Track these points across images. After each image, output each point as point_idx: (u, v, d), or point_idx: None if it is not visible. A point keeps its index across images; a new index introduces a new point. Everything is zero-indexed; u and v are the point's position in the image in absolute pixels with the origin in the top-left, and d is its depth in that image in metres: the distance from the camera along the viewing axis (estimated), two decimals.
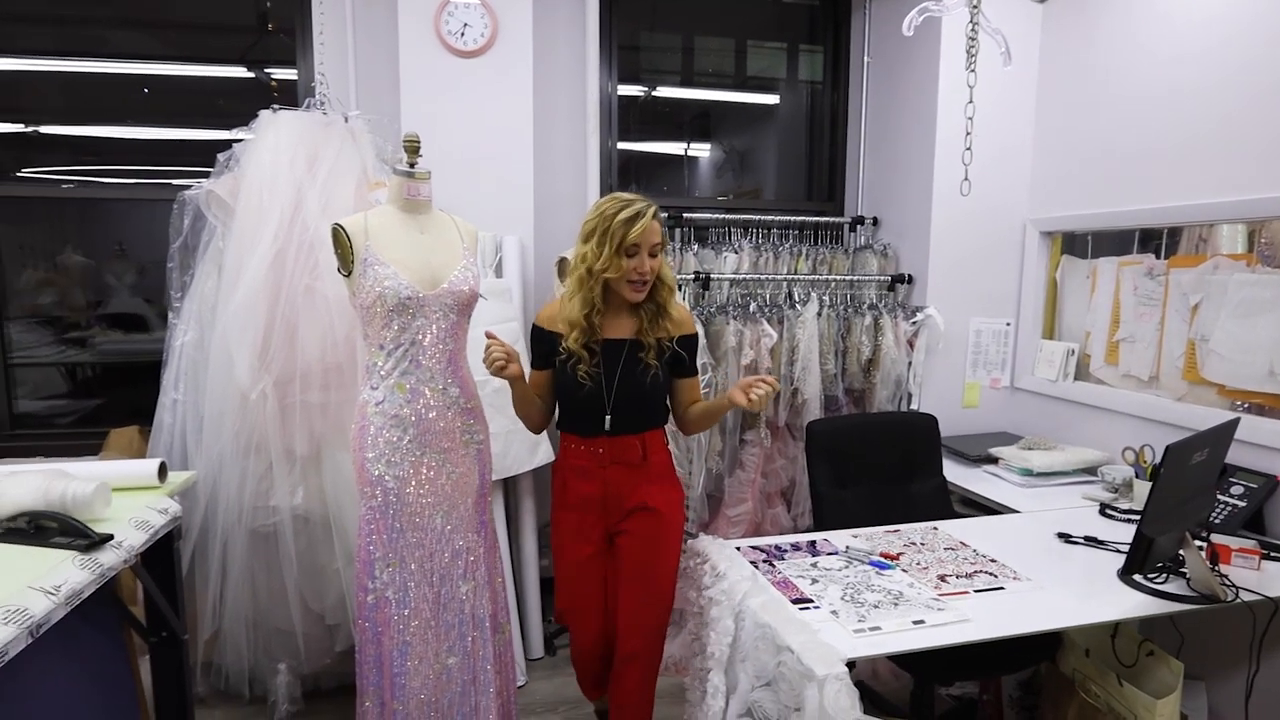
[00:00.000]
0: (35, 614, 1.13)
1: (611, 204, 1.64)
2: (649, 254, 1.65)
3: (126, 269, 3.16)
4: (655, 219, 1.64)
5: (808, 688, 1.26)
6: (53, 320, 3.06)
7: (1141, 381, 2.47)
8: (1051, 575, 1.68)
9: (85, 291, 3.07)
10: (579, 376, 1.67)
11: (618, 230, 1.60)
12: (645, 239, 1.62)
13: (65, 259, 3.03)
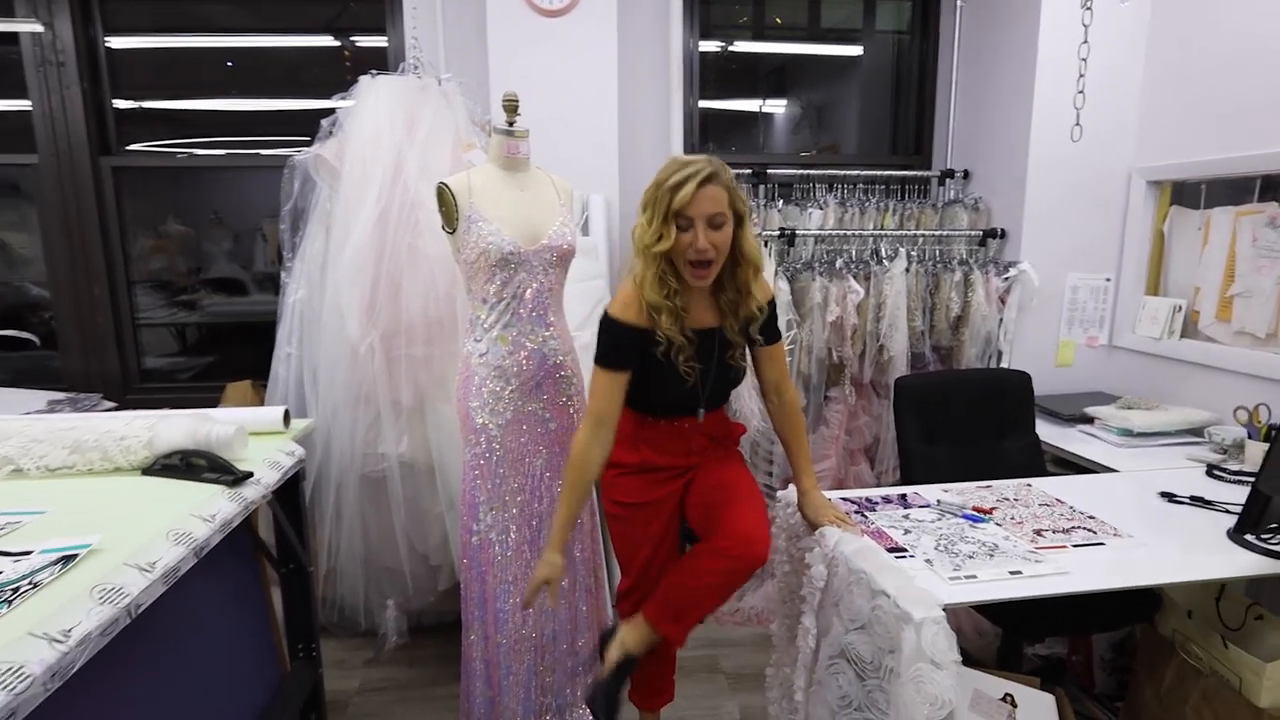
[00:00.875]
0: (198, 538, 1.26)
1: (667, 168, 1.43)
2: (710, 225, 1.41)
3: (223, 236, 3.37)
4: (716, 183, 1.40)
5: (904, 630, 1.29)
6: (163, 285, 3.30)
7: (1257, 339, 2.34)
8: (1154, 533, 1.64)
9: (186, 258, 3.29)
10: (682, 370, 1.50)
11: (664, 196, 1.40)
12: (698, 208, 1.39)
13: (167, 228, 3.25)
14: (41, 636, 0.92)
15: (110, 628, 1.01)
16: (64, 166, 2.90)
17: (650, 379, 1.54)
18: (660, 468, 1.66)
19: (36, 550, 1.14)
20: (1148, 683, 1.95)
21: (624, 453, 1.65)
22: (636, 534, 1.70)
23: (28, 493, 1.43)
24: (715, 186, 1.40)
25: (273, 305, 3.29)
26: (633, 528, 1.69)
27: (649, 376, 1.54)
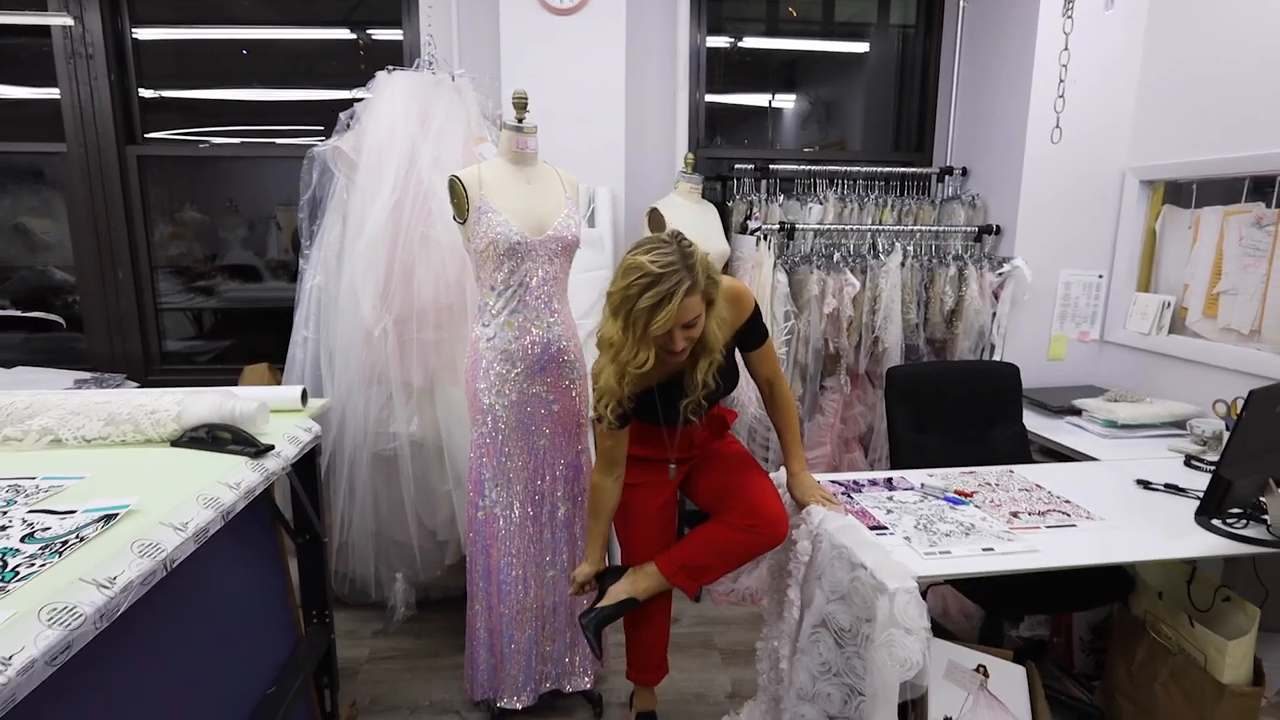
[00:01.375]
0: (225, 502, 1.36)
1: (637, 281, 1.38)
2: (683, 328, 1.43)
3: (238, 224, 3.48)
4: (692, 294, 1.39)
5: (879, 599, 1.38)
6: (181, 270, 3.42)
7: (1241, 335, 2.41)
8: (1126, 517, 1.73)
9: (202, 245, 3.39)
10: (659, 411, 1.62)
11: (640, 317, 1.38)
12: (673, 325, 1.40)
13: (184, 215, 3.36)
14: (90, 582, 1.03)
15: (149, 578, 1.12)
16: (91, 155, 3.01)
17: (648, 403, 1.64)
18: (658, 459, 1.77)
19: (80, 509, 1.25)
20: (1120, 661, 2.04)
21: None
22: (635, 513, 1.80)
23: (67, 460, 1.53)
24: (690, 298, 1.39)
25: (287, 291, 3.41)
26: (631, 508, 1.79)
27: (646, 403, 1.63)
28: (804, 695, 1.62)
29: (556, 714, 2.15)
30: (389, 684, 2.29)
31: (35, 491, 1.33)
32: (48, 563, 1.07)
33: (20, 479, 1.39)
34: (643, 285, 1.37)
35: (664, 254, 1.39)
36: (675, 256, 1.39)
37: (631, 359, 1.42)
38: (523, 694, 2.04)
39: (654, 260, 1.38)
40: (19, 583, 1.01)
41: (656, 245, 1.41)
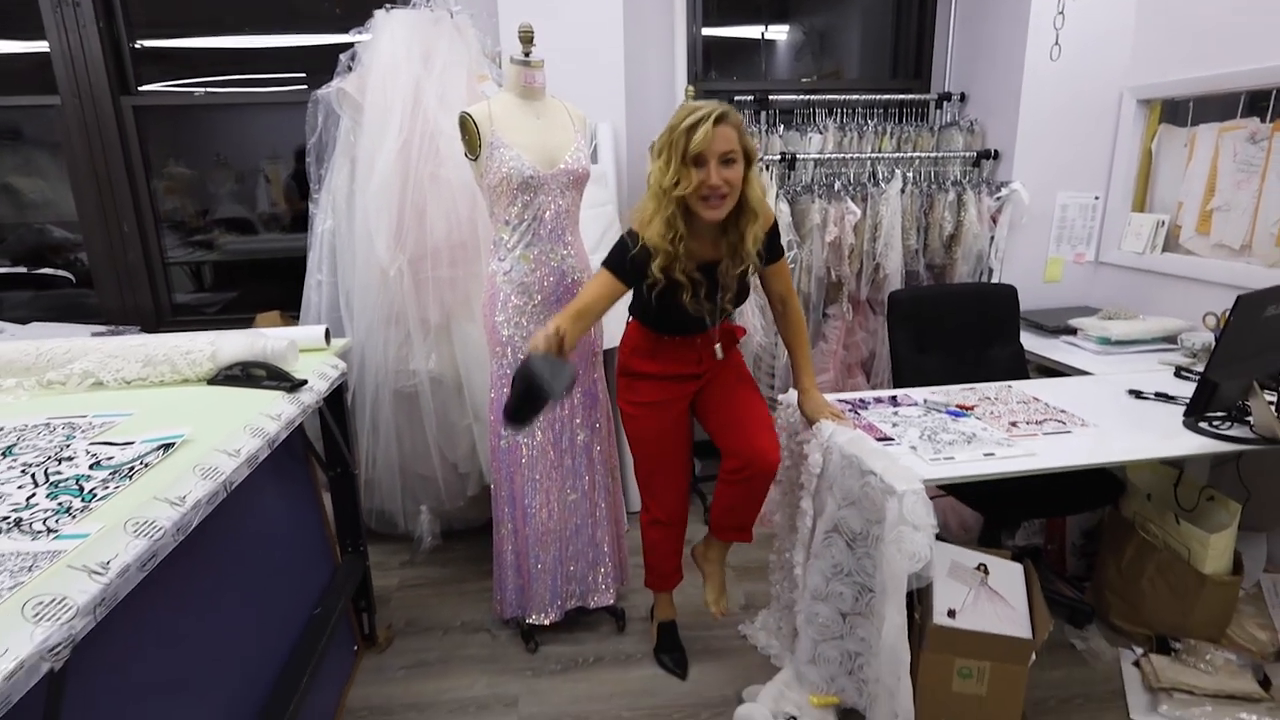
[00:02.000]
0: (269, 432, 1.44)
1: (679, 114, 1.51)
2: (720, 162, 1.50)
3: (227, 177, 3.47)
4: (727, 124, 1.49)
5: (889, 501, 1.48)
6: (176, 225, 3.42)
7: (1233, 250, 2.48)
8: (1118, 423, 1.82)
9: (192, 201, 3.38)
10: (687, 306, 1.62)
11: (680, 139, 1.48)
12: (711, 146, 1.47)
13: (170, 170, 3.34)
14: (164, 500, 1.11)
15: (214, 498, 1.20)
16: (86, 107, 2.98)
17: (659, 304, 1.67)
18: (674, 375, 1.83)
19: (138, 440, 1.32)
20: (1110, 560, 2.17)
21: (641, 363, 1.84)
22: (650, 429, 1.88)
23: (110, 400, 1.60)
24: (727, 126, 1.49)
25: (284, 242, 3.45)
26: (646, 424, 1.87)
27: (658, 302, 1.66)
28: (818, 595, 1.74)
29: (582, 629, 2.28)
30: (421, 608, 2.42)
31: (90, 427, 1.41)
32: (120, 485, 1.15)
33: (73, 417, 1.46)
34: (684, 114, 1.50)
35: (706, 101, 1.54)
36: (716, 102, 1.54)
37: (673, 183, 1.50)
38: (550, 611, 2.16)
39: (696, 100, 1.57)
40: (98, 502, 1.09)
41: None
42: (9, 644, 0.78)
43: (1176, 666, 1.94)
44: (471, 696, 2.02)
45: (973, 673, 1.65)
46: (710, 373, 1.88)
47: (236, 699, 1.46)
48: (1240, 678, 1.88)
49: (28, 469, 1.21)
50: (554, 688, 2.05)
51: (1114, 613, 2.19)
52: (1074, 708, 1.93)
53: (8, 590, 0.86)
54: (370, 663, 2.17)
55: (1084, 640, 2.16)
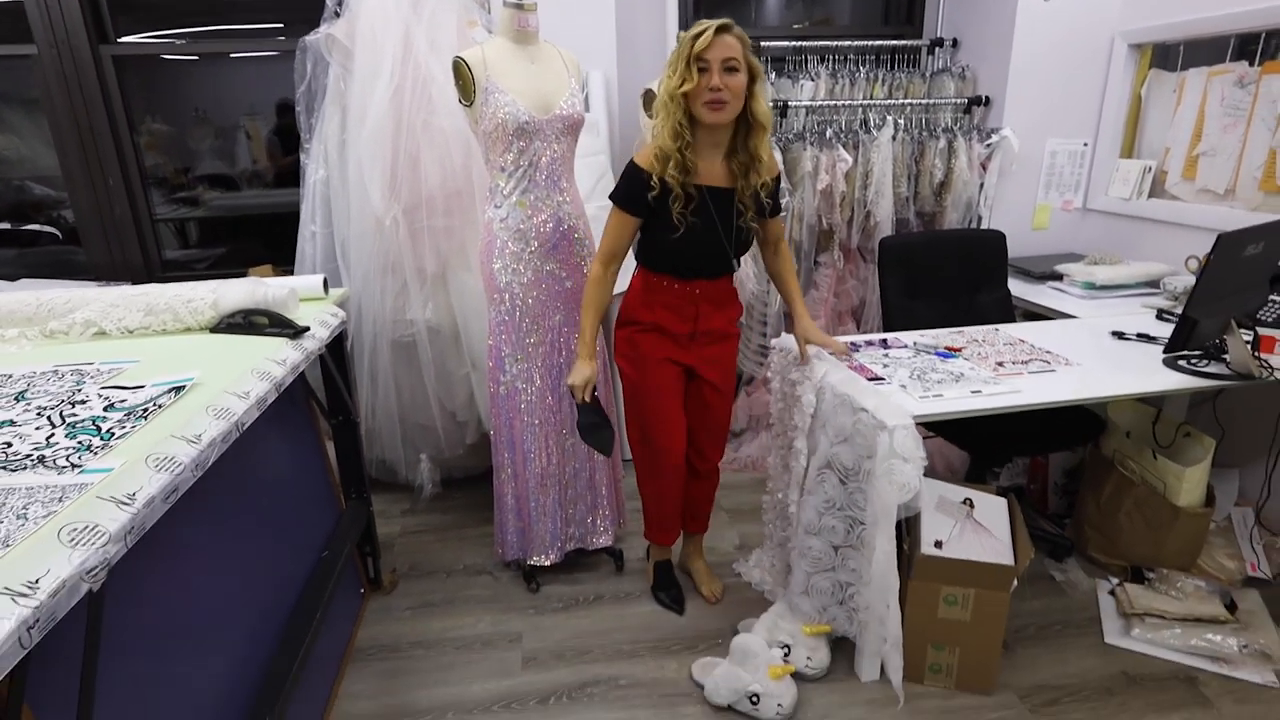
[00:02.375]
0: (276, 376, 1.47)
1: (689, 30, 1.62)
2: (724, 69, 1.58)
3: (206, 134, 3.41)
4: (731, 34, 1.59)
5: (880, 436, 1.53)
6: (159, 182, 3.38)
7: (1217, 195, 2.51)
8: (1101, 362, 1.88)
9: (172, 157, 3.33)
10: (674, 217, 1.66)
11: (685, 44, 1.59)
12: (714, 52, 1.57)
13: (149, 126, 3.29)
14: (180, 438, 1.14)
15: (228, 436, 1.23)
16: (64, 56, 2.92)
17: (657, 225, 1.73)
18: (669, 331, 1.86)
19: (148, 384, 1.35)
20: (1090, 496, 2.26)
21: (639, 312, 1.87)
22: (649, 383, 1.90)
23: (114, 349, 1.62)
24: (730, 36, 1.58)
25: (269, 199, 3.42)
26: (644, 380, 1.90)
27: (664, 230, 1.72)
28: (810, 530, 1.81)
29: (581, 569, 2.36)
30: (424, 553, 2.49)
31: (98, 374, 1.43)
32: (136, 425, 1.18)
33: (79, 364, 1.48)
34: (693, 28, 1.60)
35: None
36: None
37: (679, 84, 1.59)
38: (550, 552, 2.23)
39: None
40: (117, 441, 1.12)
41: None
42: (50, 565, 0.82)
43: (1149, 594, 2.04)
44: (476, 634, 2.10)
45: (958, 599, 1.73)
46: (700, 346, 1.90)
47: (252, 639, 1.52)
48: (1208, 603, 1.98)
49: (43, 411, 1.23)
50: (556, 624, 2.13)
51: (1092, 546, 2.28)
52: (1052, 634, 2.03)
53: (42, 518, 0.90)
54: (376, 605, 2.24)
55: (1063, 572, 2.25)
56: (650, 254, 1.81)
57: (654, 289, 1.84)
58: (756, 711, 1.74)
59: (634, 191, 1.70)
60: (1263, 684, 1.82)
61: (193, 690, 1.29)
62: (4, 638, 0.72)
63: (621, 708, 1.82)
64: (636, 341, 1.89)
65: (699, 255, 1.77)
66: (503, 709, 1.83)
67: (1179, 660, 1.89)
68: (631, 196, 1.71)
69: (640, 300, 1.87)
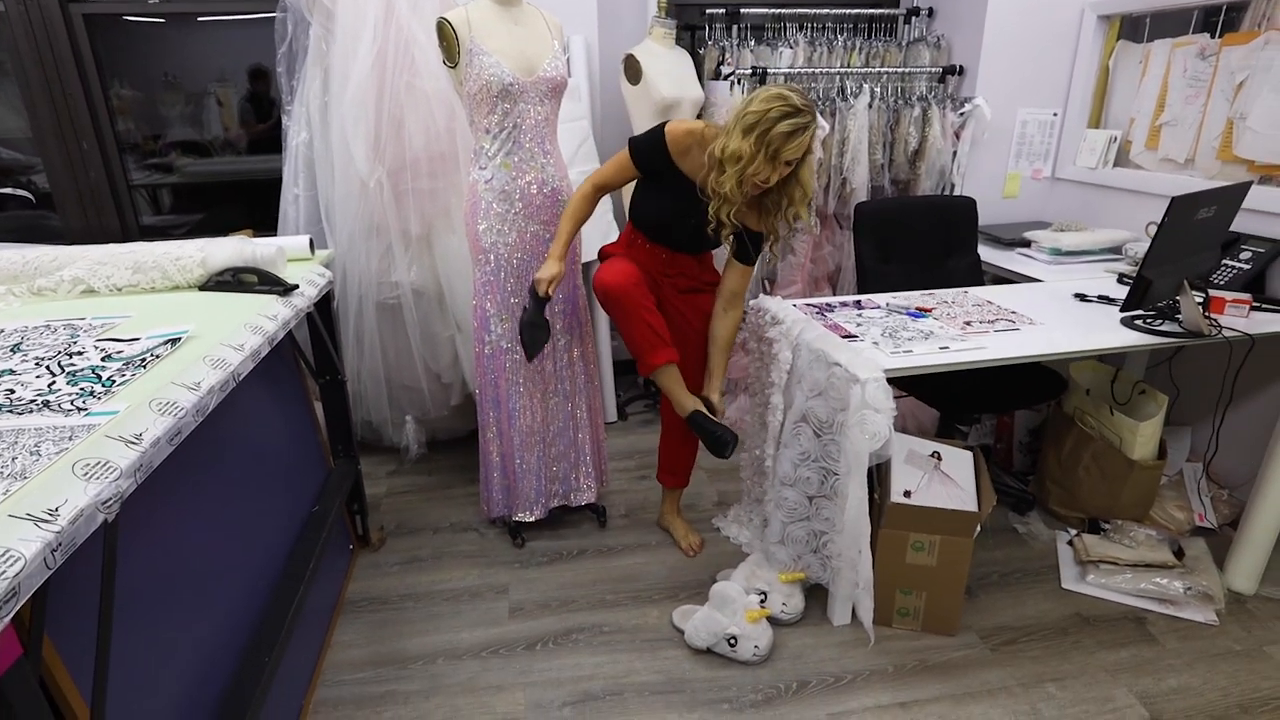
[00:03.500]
0: (268, 330, 1.50)
1: (778, 105, 1.59)
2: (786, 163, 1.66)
3: (176, 99, 3.37)
4: (811, 135, 1.63)
5: (852, 389, 1.61)
6: (131, 148, 3.34)
7: (1178, 164, 2.61)
8: (1062, 322, 1.97)
9: (144, 124, 3.29)
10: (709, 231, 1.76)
11: (776, 140, 1.60)
12: (794, 156, 1.64)
13: (117, 91, 3.23)
14: (180, 385, 1.18)
15: (224, 385, 1.27)
16: (33, 13, 2.86)
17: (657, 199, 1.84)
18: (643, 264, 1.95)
19: (144, 336, 1.38)
20: (1051, 451, 2.37)
21: (618, 250, 2.01)
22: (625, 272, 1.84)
23: (105, 305, 1.64)
24: (809, 137, 1.63)
25: (244, 165, 3.40)
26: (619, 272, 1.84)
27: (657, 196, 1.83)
28: (786, 481, 1.89)
29: (565, 525, 2.43)
30: (410, 512, 2.54)
31: (91, 328, 1.45)
32: (135, 373, 1.21)
33: (71, 319, 1.50)
34: (784, 111, 1.59)
35: (801, 95, 1.62)
36: (806, 101, 1.62)
37: (756, 172, 1.64)
38: (534, 508, 2.29)
39: (795, 95, 1.61)
40: (119, 388, 1.16)
41: (791, 88, 1.64)
42: (68, 496, 0.87)
43: (1104, 543, 2.16)
44: (464, 586, 2.17)
45: (924, 546, 1.83)
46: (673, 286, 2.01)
47: (246, 592, 1.57)
48: (1158, 550, 2.10)
49: (41, 361, 1.26)
50: (541, 577, 2.20)
51: (1053, 500, 2.40)
52: (1013, 581, 2.14)
53: (55, 454, 0.94)
54: (365, 560, 2.29)
55: (1025, 525, 2.37)
56: (638, 211, 1.92)
57: (629, 242, 1.98)
58: (734, 653, 1.83)
59: (648, 152, 1.82)
60: (1204, 622, 1.95)
61: (193, 637, 1.34)
62: (31, 558, 0.77)
63: (605, 652, 1.90)
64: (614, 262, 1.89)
65: (681, 232, 1.87)
66: (491, 654, 1.90)
67: (1129, 603, 2.02)
68: (644, 153, 1.82)
69: (623, 243, 2.02)
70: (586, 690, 1.78)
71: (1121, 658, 1.85)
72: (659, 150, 1.79)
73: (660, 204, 1.84)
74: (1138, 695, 1.73)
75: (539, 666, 1.86)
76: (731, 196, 1.67)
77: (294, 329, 1.75)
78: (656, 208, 1.84)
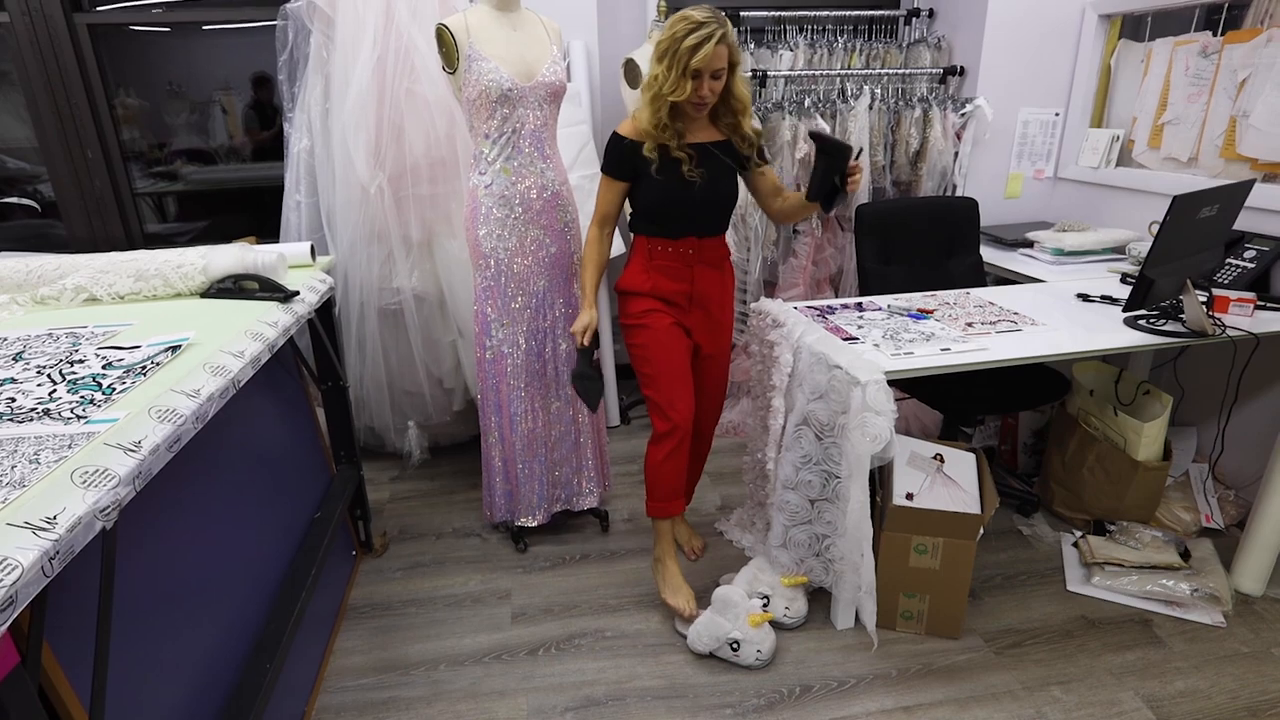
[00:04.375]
0: (269, 337, 1.51)
1: (682, 24, 1.65)
2: (712, 76, 1.69)
3: (181, 108, 3.39)
4: (723, 43, 1.65)
5: (854, 391, 1.60)
6: (136, 156, 3.36)
7: (1180, 163, 2.59)
8: (1065, 322, 1.96)
9: (147, 132, 3.30)
10: (685, 174, 1.76)
11: (684, 55, 1.64)
12: (708, 65, 1.65)
13: (122, 100, 3.26)
14: (180, 392, 1.18)
15: (225, 393, 1.28)
16: (38, 25, 2.89)
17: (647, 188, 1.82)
18: (667, 296, 1.91)
19: (145, 344, 1.38)
20: (1056, 453, 2.35)
21: (638, 279, 1.92)
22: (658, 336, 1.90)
23: (105, 314, 1.65)
24: (722, 45, 1.66)
25: (248, 172, 3.42)
26: (652, 332, 1.90)
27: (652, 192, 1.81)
28: (788, 485, 1.88)
29: (568, 530, 2.43)
30: (413, 517, 2.55)
31: (93, 336, 1.46)
32: (136, 381, 1.22)
33: (74, 328, 1.51)
34: (688, 28, 1.64)
35: (704, 9, 1.67)
36: (713, 13, 1.67)
37: (672, 90, 1.68)
38: (537, 513, 2.29)
39: (697, 11, 1.66)
40: (119, 395, 1.16)
41: (697, 5, 1.70)
42: (66, 504, 0.87)
43: (1110, 545, 2.14)
44: (467, 592, 2.16)
45: (927, 548, 1.82)
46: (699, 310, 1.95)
47: (247, 598, 1.57)
48: (1164, 552, 2.08)
49: (42, 370, 1.27)
50: (544, 582, 2.20)
51: (1058, 501, 2.38)
52: (1018, 583, 2.13)
53: (54, 462, 0.94)
54: (368, 566, 2.29)
55: (1030, 526, 2.36)
56: (642, 219, 1.89)
57: (650, 253, 1.90)
58: (737, 658, 1.82)
59: (616, 158, 1.82)
60: (1211, 624, 1.93)
61: (194, 644, 1.34)
62: (28, 566, 0.77)
63: (607, 657, 1.90)
64: (635, 302, 1.93)
65: (688, 211, 1.84)
66: (493, 660, 1.90)
67: (1135, 604, 2.00)
68: (614, 163, 1.83)
69: (639, 266, 1.92)
70: (589, 696, 1.78)
71: (1128, 661, 1.83)
72: (621, 145, 1.81)
73: (660, 188, 1.81)
74: (1144, 699, 1.72)
75: (541, 672, 1.85)
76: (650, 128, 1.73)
77: (296, 335, 1.76)
78: (660, 193, 1.81)
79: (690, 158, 1.78)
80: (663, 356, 1.91)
